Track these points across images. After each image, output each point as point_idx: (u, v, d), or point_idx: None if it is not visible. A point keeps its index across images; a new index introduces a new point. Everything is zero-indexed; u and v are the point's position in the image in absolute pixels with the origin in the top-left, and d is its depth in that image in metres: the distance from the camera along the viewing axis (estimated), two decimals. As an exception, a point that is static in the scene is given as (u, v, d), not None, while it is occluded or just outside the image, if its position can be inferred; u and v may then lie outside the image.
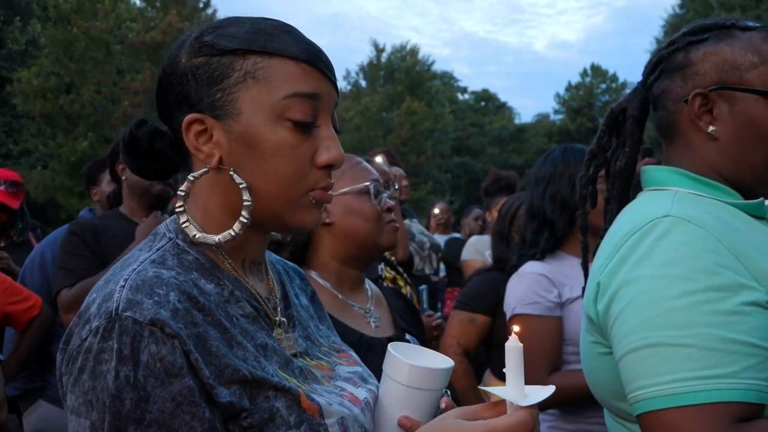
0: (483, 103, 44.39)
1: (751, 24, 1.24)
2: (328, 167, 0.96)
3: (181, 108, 0.95)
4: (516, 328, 0.88)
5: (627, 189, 1.35)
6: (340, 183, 1.69)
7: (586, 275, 1.41)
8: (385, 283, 2.68)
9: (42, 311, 2.66)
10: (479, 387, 1.05)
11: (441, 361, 1.04)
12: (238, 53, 0.92)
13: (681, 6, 27.78)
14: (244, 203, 0.92)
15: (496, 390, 0.86)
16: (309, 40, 0.97)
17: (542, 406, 1.92)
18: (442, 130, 30.94)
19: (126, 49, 20.22)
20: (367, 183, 1.71)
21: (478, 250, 4.57)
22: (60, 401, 2.93)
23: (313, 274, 1.70)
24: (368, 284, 1.82)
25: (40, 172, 20.18)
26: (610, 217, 1.34)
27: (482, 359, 3.06)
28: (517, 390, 0.85)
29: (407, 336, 1.73)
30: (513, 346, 0.85)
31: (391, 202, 1.75)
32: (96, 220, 2.71)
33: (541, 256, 2.18)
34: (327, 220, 1.69)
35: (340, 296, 1.69)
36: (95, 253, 2.48)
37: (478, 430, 0.83)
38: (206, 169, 0.94)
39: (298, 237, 1.71)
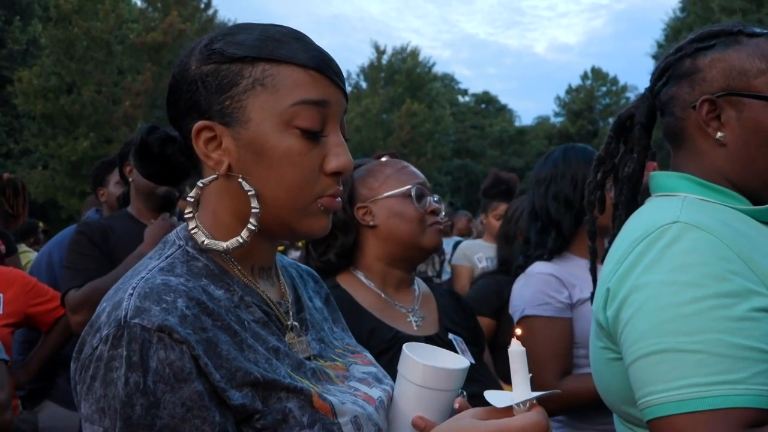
0: (483, 106, 44.48)
1: (758, 30, 1.24)
2: (337, 174, 0.96)
3: (190, 115, 0.95)
4: (518, 331, 0.88)
5: (635, 195, 1.35)
6: (385, 186, 1.75)
7: (594, 280, 1.41)
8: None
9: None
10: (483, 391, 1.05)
11: (457, 362, 1.04)
12: (247, 60, 0.92)
13: (682, 9, 27.81)
14: (252, 210, 0.92)
15: (488, 396, 0.87)
16: (318, 47, 0.97)
17: (552, 411, 1.90)
18: (442, 132, 30.93)
19: (127, 50, 20.27)
20: (410, 186, 1.75)
21: (465, 255, 4.54)
22: (66, 402, 2.89)
23: (359, 275, 1.76)
24: (417, 284, 1.85)
25: (40, 172, 20.22)
26: (618, 223, 1.34)
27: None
28: (523, 394, 0.85)
29: (450, 336, 1.74)
30: (516, 350, 0.85)
31: (436, 205, 1.78)
32: (104, 221, 2.70)
33: (548, 257, 2.13)
34: (371, 223, 1.75)
35: (383, 296, 1.74)
36: (103, 253, 2.47)
37: (492, 430, 0.83)
38: (215, 176, 0.94)
39: (346, 238, 1.76)
